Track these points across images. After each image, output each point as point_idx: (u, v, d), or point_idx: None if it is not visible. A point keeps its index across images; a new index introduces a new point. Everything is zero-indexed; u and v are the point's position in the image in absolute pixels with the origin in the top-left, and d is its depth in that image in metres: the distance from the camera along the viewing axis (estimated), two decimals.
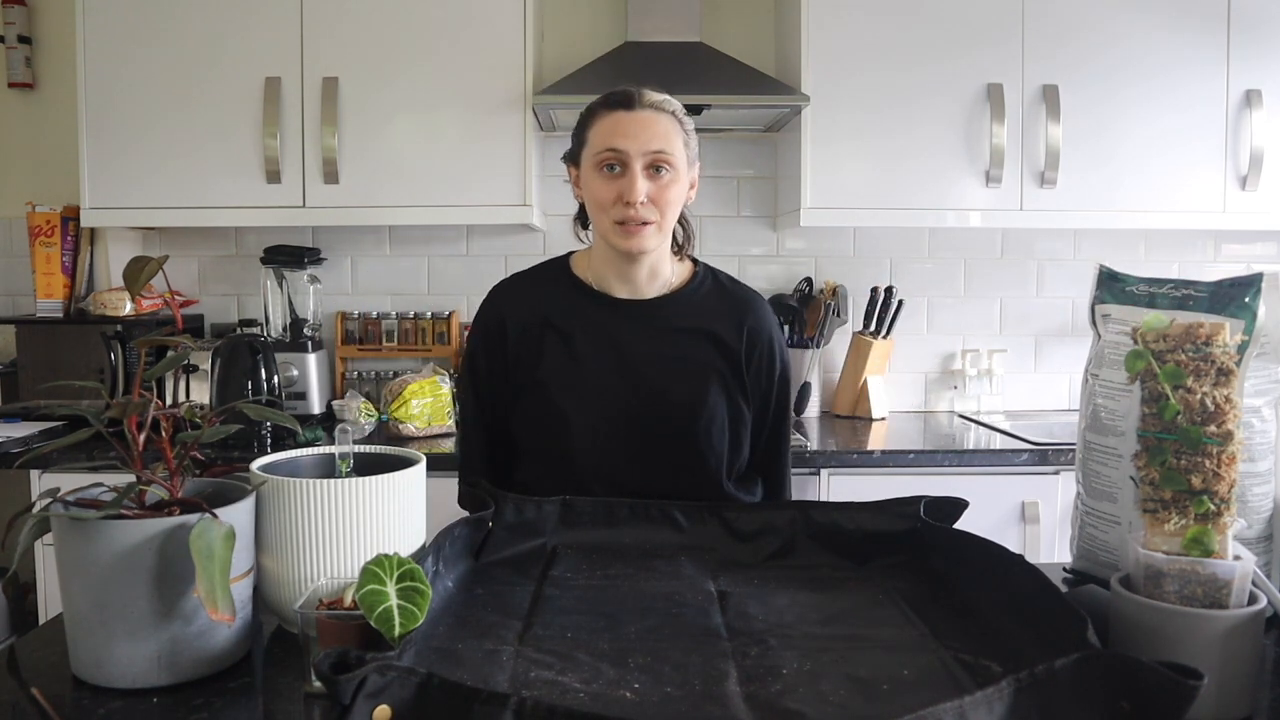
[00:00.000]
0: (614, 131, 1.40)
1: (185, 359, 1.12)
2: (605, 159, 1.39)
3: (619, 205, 1.39)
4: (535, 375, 1.45)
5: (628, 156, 1.38)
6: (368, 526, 0.99)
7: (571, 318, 1.47)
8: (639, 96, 1.42)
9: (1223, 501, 0.84)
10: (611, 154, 1.39)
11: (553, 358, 1.45)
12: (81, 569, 0.87)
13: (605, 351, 1.45)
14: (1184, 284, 1.05)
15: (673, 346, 1.46)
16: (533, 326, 1.47)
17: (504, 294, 1.53)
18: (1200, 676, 0.67)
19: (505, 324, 1.48)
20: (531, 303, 1.49)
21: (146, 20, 2.44)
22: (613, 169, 1.39)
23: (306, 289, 2.72)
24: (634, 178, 1.38)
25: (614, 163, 1.39)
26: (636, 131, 1.39)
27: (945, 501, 1.19)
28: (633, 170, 1.38)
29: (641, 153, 1.38)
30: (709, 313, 1.48)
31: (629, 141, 1.38)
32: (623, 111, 1.41)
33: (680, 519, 1.23)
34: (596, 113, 1.44)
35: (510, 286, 1.54)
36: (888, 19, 2.49)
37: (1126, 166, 2.53)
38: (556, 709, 0.67)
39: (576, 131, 1.48)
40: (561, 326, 1.46)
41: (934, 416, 2.88)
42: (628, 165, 1.38)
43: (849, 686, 0.82)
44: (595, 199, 1.42)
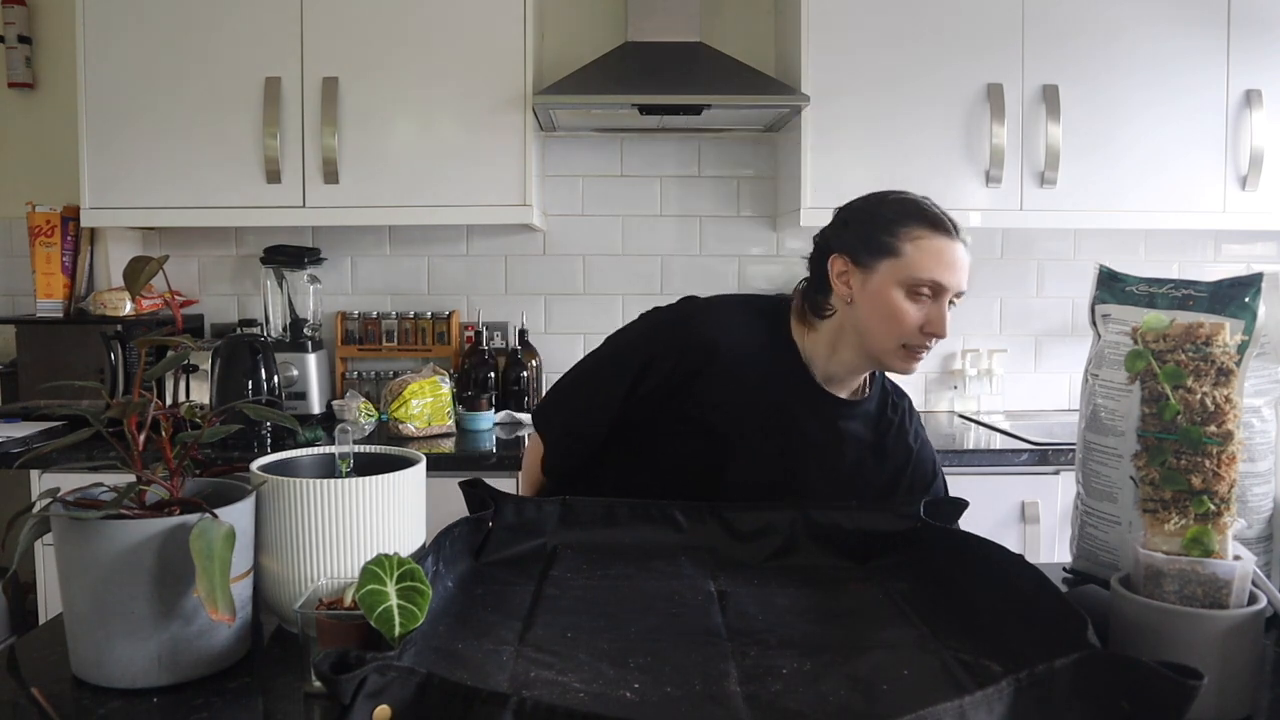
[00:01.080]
0: (943, 263, 1.33)
1: (185, 359, 1.12)
2: (925, 286, 1.32)
3: (919, 334, 1.33)
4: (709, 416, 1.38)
5: (946, 291, 1.33)
6: (368, 526, 0.99)
7: (773, 383, 1.40)
8: (954, 227, 1.36)
9: (1223, 501, 0.84)
10: (935, 285, 1.32)
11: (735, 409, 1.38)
12: (81, 569, 0.87)
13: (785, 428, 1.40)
14: (1184, 284, 1.05)
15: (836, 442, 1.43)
16: (734, 373, 1.38)
17: (720, 324, 1.42)
18: (1200, 676, 0.67)
19: (711, 357, 1.38)
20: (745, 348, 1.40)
21: (146, 20, 2.44)
22: (921, 294, 1.33)
23: (306, 289, 2.73)
24: (944, 314, 1.33)
25: (928, 291, 1.33)
26: (960, 268, 1.34)
27: (945, 501, 1.19)
28: (942, 304, 1.33)
29: (957, 289, 1.34)
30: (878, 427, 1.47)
31: (952, 276, 1.33)
32: (949, 240, 1.34)
33: (680, 519, 1.23)
34: (917, 228, 1.34)
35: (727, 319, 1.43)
36: (888, 19, 2.49)
37: (1126, 166, 2.53)
38: (556, 709, 0.67)
39: (877, 231, 1.36)
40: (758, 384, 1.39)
41: (934, 416, 2.88)
42: (939, 298, 1.33)
43: (849, 686, 0.82)
44: (894, 318, 1.33)
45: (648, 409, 1.41)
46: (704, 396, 1.38)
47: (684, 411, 1.39)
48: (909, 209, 1.36)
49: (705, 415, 1.38)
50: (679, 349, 1.39)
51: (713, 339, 1.39)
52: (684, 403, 1.39)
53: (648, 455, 1.43)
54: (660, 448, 1.42)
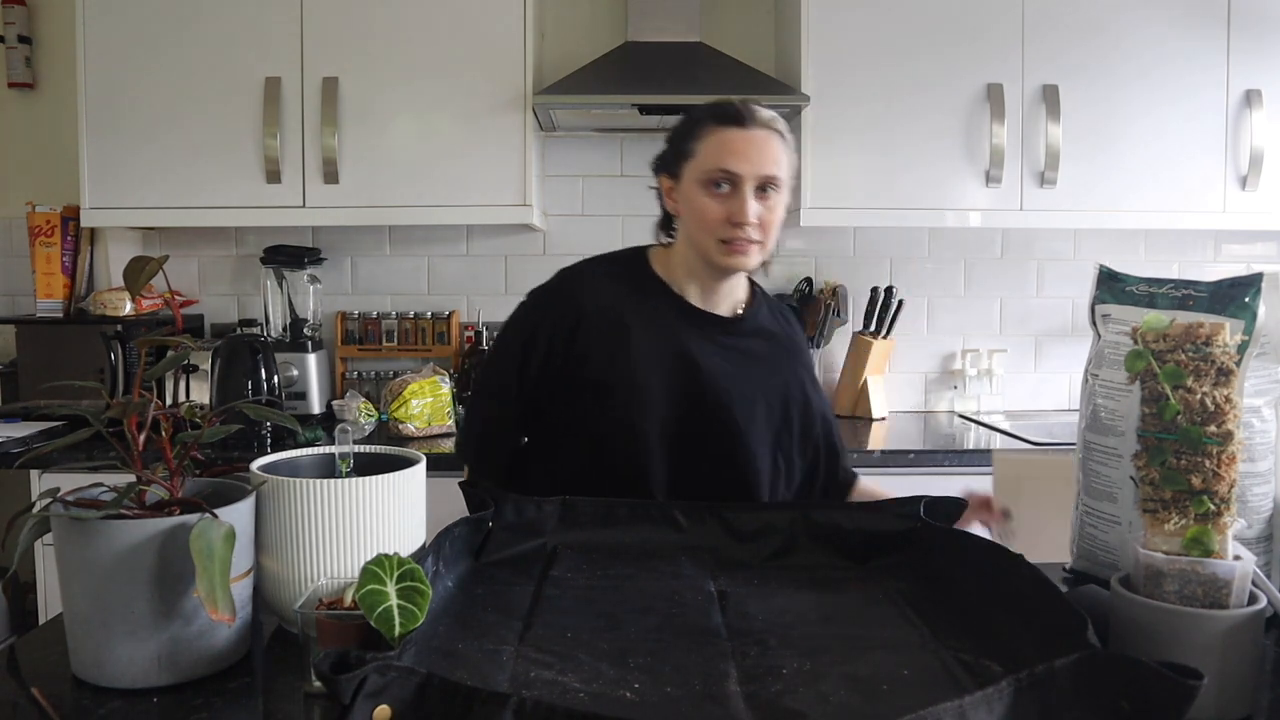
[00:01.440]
0: (728, 150, 1.36)
1: (185, 359, 1.12)
2: (716, 178, 1.36)
3: (727, 225, 1.36)
4: (602, 374, 1.41)
5: (740, 179, 1.35)
6: (368, 526, 0.99)
7: (651, 321, 1.43)
8: (751, 114, 1.38)
9: (1223, 501, 0.84)
10: (724, 174, 1.35)
11: (624, 357, 1.41)
12: (81, 569, 0.87)
13: (677, 360, 1.42)
14: (1184, 284, 1.05)
15: (739, 366, 1.45)
16: (609, 322, 1.42)
17: (582, 281, 1.47)
18: (1200, 676, 0.67)
19: (581, 314, 1.42)
20: (612, 297, 1.44)
21: (146, 20, 2.44)
22: (720, 187, 1.36)
23: (306, 289, 2.73)
24: (745, 200, 1.35)
25: (723, 181, 1.36)
26: (750, 153, 1.35)
27: (945, 501, 1.19)
28: (744, 192, 1.35)
29: (755, 175, 1.35)
30: (771, 339, 1.51)
31: (743, 163, 1.35)
32: (736, 129, 1.37)
33: (680, 519, 1.23)
34: (704, 126, 1.39)
35: (589, 275, 1.48)
36: (888, 19, 2.49)
37: (1126, 166, 2.53)
38: (556, 709, 0.67)
39: (677, 141, 1.43)
40: (639, 327, 1.42)
41: (934, 416, 2.88)
42: (738, 186, 1.35)
43: (849, 686, 0.82)
44: (701, 217, 1.38)
45: (550, 389, 1.44)
46: (592, 355, 1.41)
47: (581, 378, 1.42)
48: (702, 111, 1.41)
49: (602, 374, 1.41)
50: (550, 318, 1.44)
51: (575, 297, 1.44)
52: (577, 370, 1.42)
53: (569, 439, 1.44)
54: (576, 426, 1.43)
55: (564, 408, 1.44)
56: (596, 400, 1.41)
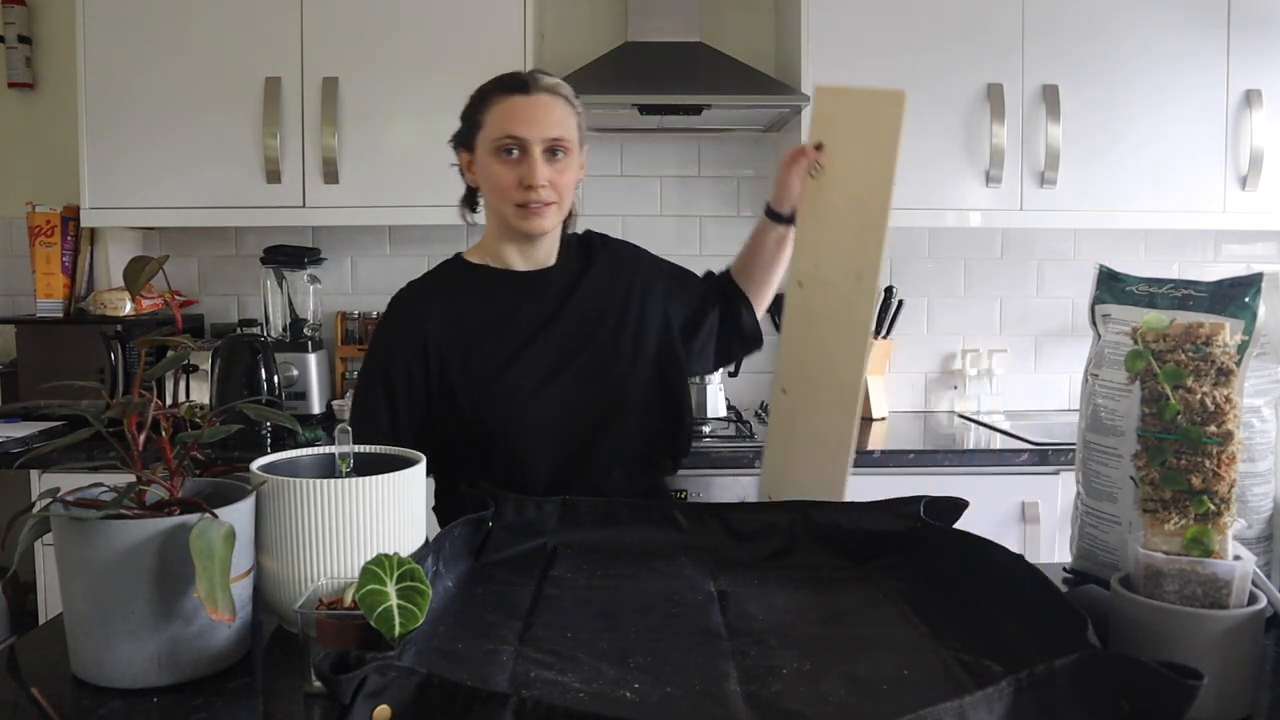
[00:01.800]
0: (512, 117, 1.41)
1: (185, 359, 1.12)
2: (504, 144, 1.41)
3: (519, 189, 1.41)
4: (466, 369, 1.44)
5: (527, 143, 1.40)
6: (368, 526, 0.99)
7: (487, 303, 1.49)
8: (534, 80, 1.44)
9: (1223, 501, 0.84)
10: (511, 140, 1.40)
11: (479, 346, 1.46)
12: (81, 569, 0.87)
13: (521, 326, 1.47)
14: (1184, 284, 1.05)
15: (592, 306, 1.51)
16: (451, 328, 1.46)
17: (417, 304, 1.50)
18: (1200, 676, 0.67)
19: (426, 337, 1.45)
20: (444, 301, 1.49)
21: (146, 20, 2.44)
22: (510, 153, 1.41)
23: (306, 289, 2.72)
24: (534, 163, 1.40)
25: (512, 147, 1.41)
26: (535, 117, 1.41)
27: (945, 501, 1.19)
28: (533, 155, 1.40)
29: (541, 139, 1.41)
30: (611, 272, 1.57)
31: (528, 128, 1.40)
32: (519, 96, 1.43)
33: (680, 519, 1.23)
34: (491, 97, 1.45)
35: (419, 294, 1.52)
36: (887, 19, 2.49)
37: (1126, 166, 2.53)
38: (556, 709, 0.67)
39: (469, 114, 1.48)
40: (478, 315, 1.47)
41: (934, 416, 2.88)
42: (527, 150, 1.41)
43: (849, 686, 0.82)
44: (495, 184, 1.44)
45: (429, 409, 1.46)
46: (449, 363, 1.45)
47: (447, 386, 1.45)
48: (489, 83, 1.47)
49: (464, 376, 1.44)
50: (398, 346, 1.47)
51: (413, 319, 1.47)
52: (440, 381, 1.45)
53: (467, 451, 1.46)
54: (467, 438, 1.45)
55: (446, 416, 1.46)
56: (472, 393, 1.44)
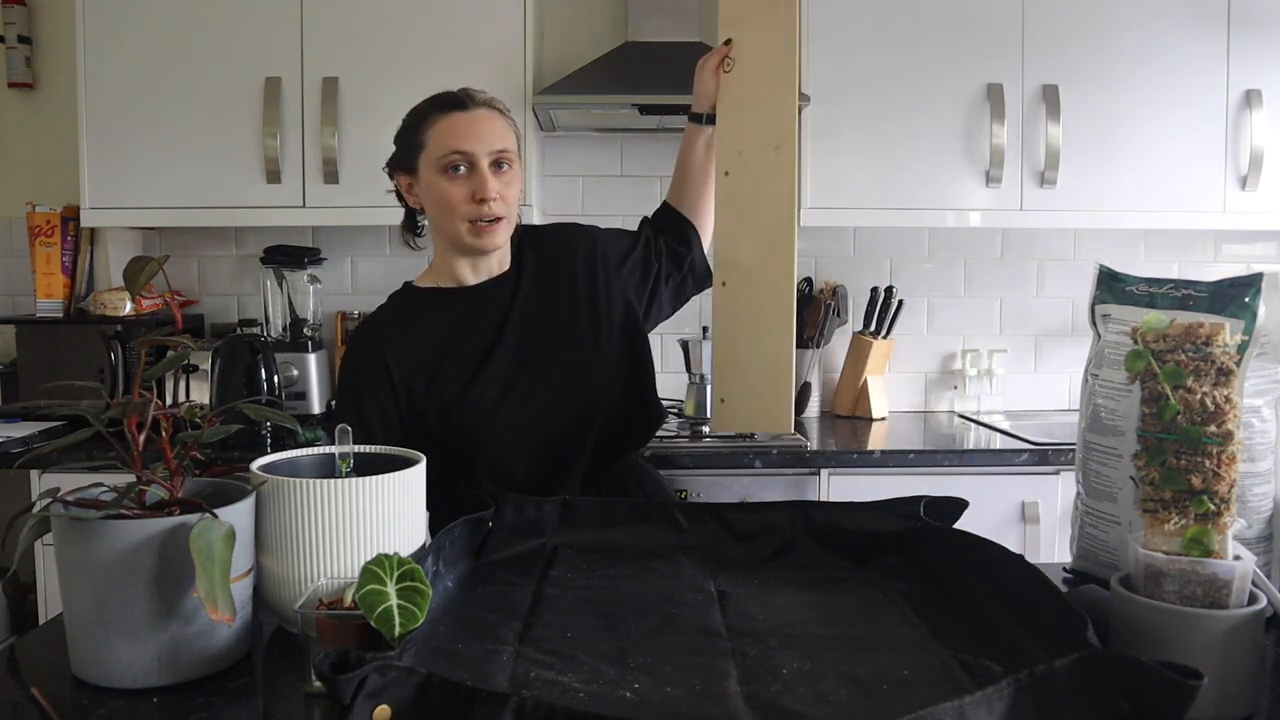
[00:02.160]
0: (456, 133, 1.42)
1: (185, 359, 1.12)
2: (451, 160, 1.42)
3: (471, 204, 1.42)
4: (429, 394, 1.46)
5: (474, 157, 1.41)
6: (368, 526, 0.99)
7: (441, 325, 1.50)
8: (470, 97, 1.46)
9: (1223, 501, 0.84)
10: (458, 155, 1.41)
11: (440, 369, 1.47)
12: (81, 569, 0.87)
13: (479, 340, 1.49)
14: (1184, 284, 1.05)
15: (540, 303, 1.53)
16: (411, 350, 1.48)
17: (371, 333, 1.53)
18: (1200, 676, 0.67)
19: (390, 367, 1.47)
20: (401, 331, 1.50)
21: (146, 20, 2.44)
22: (458, 169, 1.42)
23: (306, 289, 2.72)
24: (484, 176, 1.42)
25: (460, 164, 1.42)
26: (478, 132, 1.43)
27: (945, 501, 1.19)
28: (480, 169, 1.42)
29: (487, 151, 1.42)
30: (548, 262, 1.57)
31: (473, 142, 1.42)
32: (459, 113, 1.44)
33: (680, 519, 1.23)
34: (430, 117, 1.46)
35: (373, 326, 1.54)
36: (888, 19, 2.49)
37: (1126, 166, 2.53)
38: (556, 709, 0.67)
39: (406, 135, 1.49)
40: (435, 339, 1.49)
41: (934, 416, 2.88)
42: (475, 165, 1.42)
43: (849, 686, 0.82)
44: (444, 201, 1.44)
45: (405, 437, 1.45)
46: (415, 390, 1.46)
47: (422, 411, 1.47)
48: (423, 105, 1.49)
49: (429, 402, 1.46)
50: (365, 382, 1.48)
51: (375, 354, 1.48)
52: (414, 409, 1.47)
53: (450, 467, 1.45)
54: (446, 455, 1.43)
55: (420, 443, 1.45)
56: (438, 422, 1.46)
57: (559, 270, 1.57)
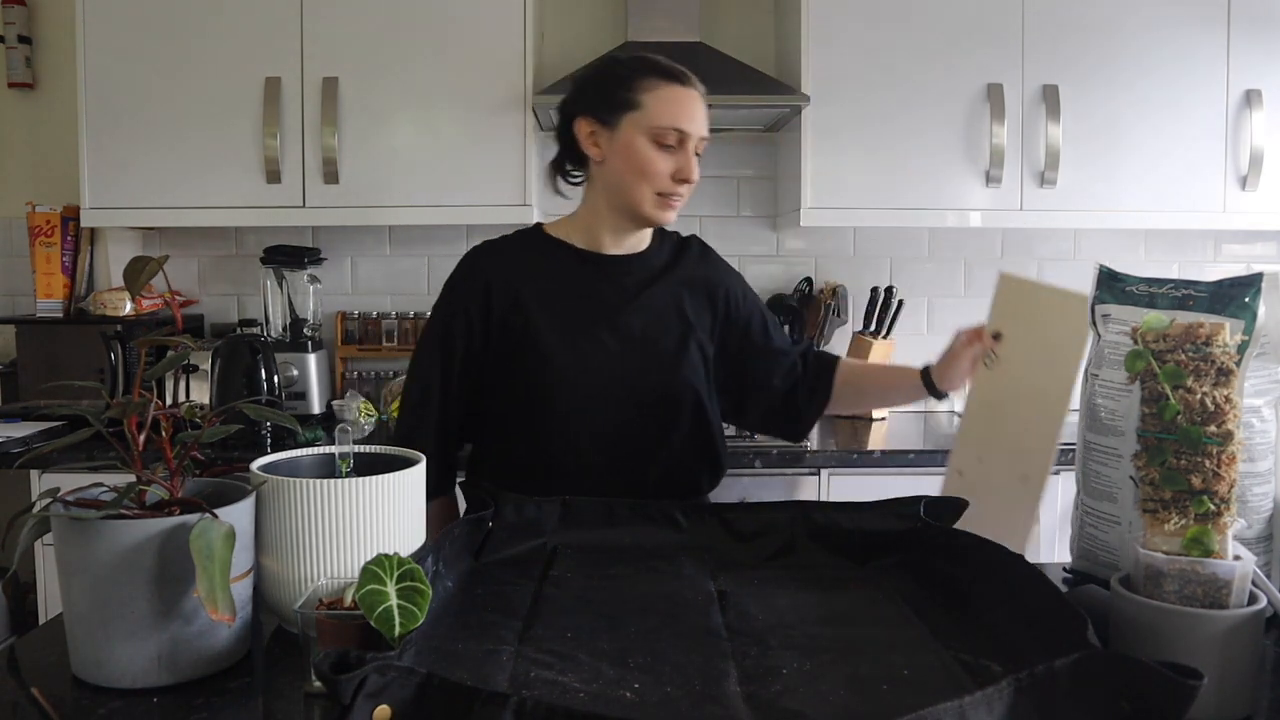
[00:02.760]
0: (680, 111, 1.40)
1: (185, 359, 1.12)
2: (668, 134, 1.39)
3: (669, 180, 1.40)
4: (524, 336, 1.45)
5: (688, 138, 1.40)
6: (368, 526, 0.99)
7: (557, 277, 1.48)
8: (687, 74, 1.43)
9: (1223, 501, 0.84)
10: (677, 131, 1.39)
11: (541, 317, 1.45)
12: (81, 569, 0.87)
13: (592, 306, 1.47)
14: (1184, 284, 1.05)
15: (656, 298, 1.50)
16: (519, 288, 1.46)
17: (485, 257, 1.51)
18: (1200, 676, 0.67)
19: (491, 287, 1.46)
20: (517, 264, 1.49)
21: (146, 20, 2.44)
22: (668, 144, 1.40)
23: (306, 289, 2.72)
24: (691, 159, 1.41)
25: (674, 139, 1.40)
26: (697, 114, 1.41)
27: (945, 501, 1.19)
28: (689, 150, 1.40)
29: (699, 135, 1.41)
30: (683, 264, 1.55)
31: (692, 123, 1.40)
32: (680, 87, 1.41)
33: (680, 519, 1.23)
34: (648, 78, 1.41)
35: (490, 250, 1.53)
36: (888, 19, 2.49)
37: (1126, 166, 2.53)
38: (556, 709, 0.67)
39: (617, 89, 1.42)
40: (548, 286, 1.47)
41: (934, 416, 2.88)
42: (684, 145, 1.40)
43: (849, 686, 0.82)
44: (644, 168, 1.40)
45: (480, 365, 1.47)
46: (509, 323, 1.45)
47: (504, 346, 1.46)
48: (642, 63, 1.44)
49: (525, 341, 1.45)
50: (463, 299, 1.48)
51: (479, 273, 1.48)
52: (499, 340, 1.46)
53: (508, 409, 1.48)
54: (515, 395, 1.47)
55: (495, 381, 1.48)
56: (526, 363, 1.45)
57: (699, 293, 1.54)
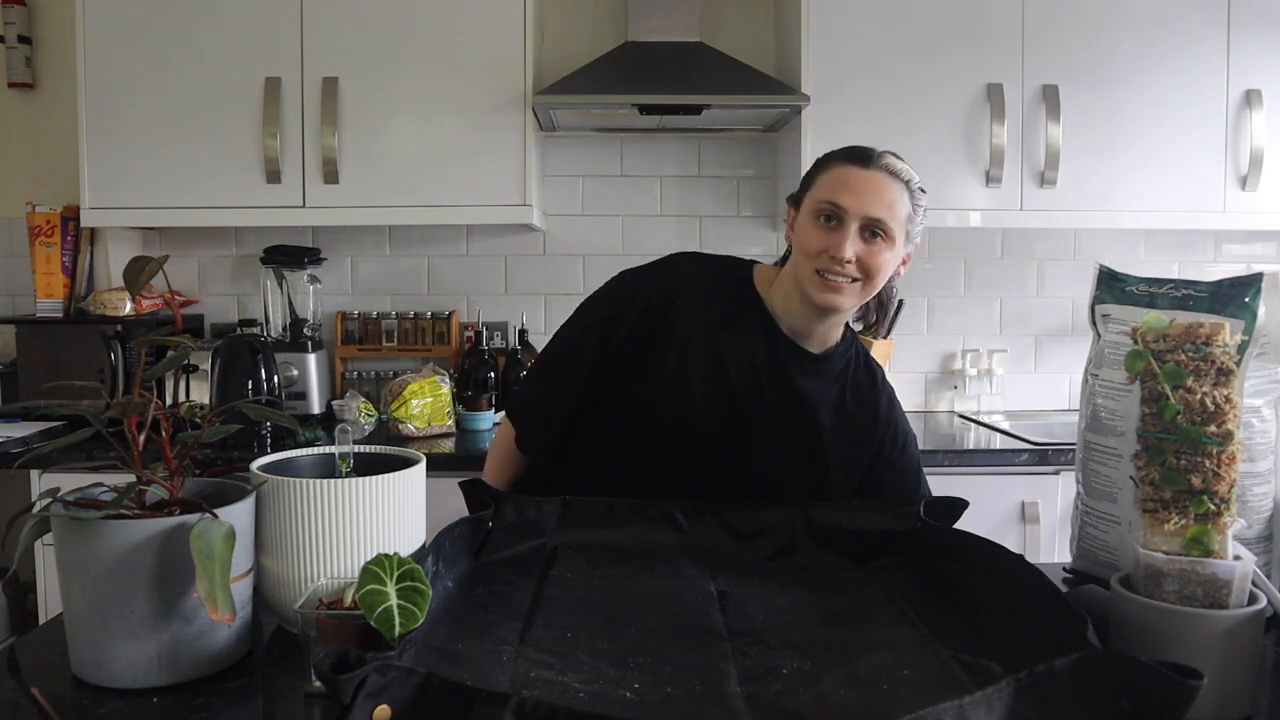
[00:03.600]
0: (841, 186, 1.36)
1: (185, 359, 1.12)
2: (824, 210, 1.36)
3: (823, 256, 1.35)
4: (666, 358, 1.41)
5: (845, 214, 1.34)
6: (368, 526, 0.99)
7: (735, 329, 1.43)
8: (877, 157, 1.39)
9: (1223, 501, 0.84)
10: (831, 207, 1.35)
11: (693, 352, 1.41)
12: (81, 569, 0.87)
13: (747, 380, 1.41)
14: (1184, 284, 1.05)
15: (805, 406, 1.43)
16: (698, 310, 1.42)
17: (687, 265, 1.48)
18: (1200, 676, 0.67)
19: (678, 290, 1.43)
20: (710, 289, 1.44)
21: (146, 20, 2.44)
22: (829, 220, 1.36)
23: (306, 289, 2.73)
24: (846, 235, 1.34)
25: (832, 215, 1.35)
26: (863, 191, 1.35)
27: (945, 501, 1.19)
28: (847, 228, 1.34)
29: (861, 214, 1.34)
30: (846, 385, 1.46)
31: (852, 200, 1.34)
32: (855, 168, 1.37)
33: (680, 519, 1.23)
34: (831, 161, 1.41)
35: (694, 262, 1.49)
36: (888, 19, 2.49)
37: (1126, 166, 2.53)
38: (556, 709, 0.67)
39: (807, 175, 1.44)
40: (722, 330, 1.42)
41: (934, 416, 2.88)
42: (844, 223, 1.35)
43: (849, 686, 0.82)
44: (803, 244, 1.37)
45: (616, 368, 1.43)
46: (672, 344, 1.41)
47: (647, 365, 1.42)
48: (836, 151, 1.43)
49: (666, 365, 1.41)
50: (643, 297, 1.44)
51: (676, 279, 1.44)
52: (646, 352, 1.42)
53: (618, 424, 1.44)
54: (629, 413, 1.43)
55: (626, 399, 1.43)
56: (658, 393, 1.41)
57: (844, 435, 1.45)
